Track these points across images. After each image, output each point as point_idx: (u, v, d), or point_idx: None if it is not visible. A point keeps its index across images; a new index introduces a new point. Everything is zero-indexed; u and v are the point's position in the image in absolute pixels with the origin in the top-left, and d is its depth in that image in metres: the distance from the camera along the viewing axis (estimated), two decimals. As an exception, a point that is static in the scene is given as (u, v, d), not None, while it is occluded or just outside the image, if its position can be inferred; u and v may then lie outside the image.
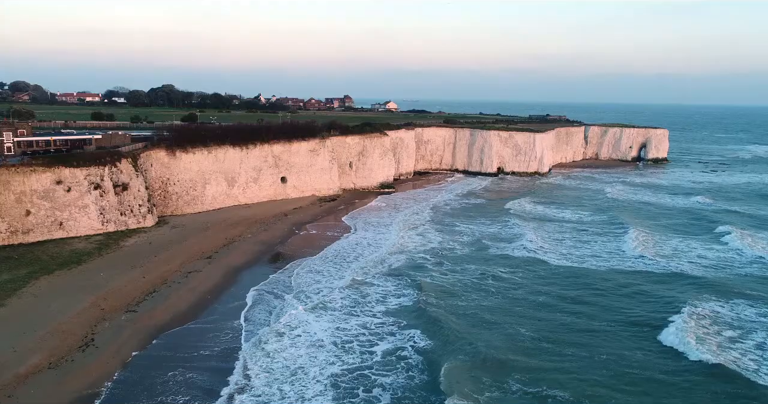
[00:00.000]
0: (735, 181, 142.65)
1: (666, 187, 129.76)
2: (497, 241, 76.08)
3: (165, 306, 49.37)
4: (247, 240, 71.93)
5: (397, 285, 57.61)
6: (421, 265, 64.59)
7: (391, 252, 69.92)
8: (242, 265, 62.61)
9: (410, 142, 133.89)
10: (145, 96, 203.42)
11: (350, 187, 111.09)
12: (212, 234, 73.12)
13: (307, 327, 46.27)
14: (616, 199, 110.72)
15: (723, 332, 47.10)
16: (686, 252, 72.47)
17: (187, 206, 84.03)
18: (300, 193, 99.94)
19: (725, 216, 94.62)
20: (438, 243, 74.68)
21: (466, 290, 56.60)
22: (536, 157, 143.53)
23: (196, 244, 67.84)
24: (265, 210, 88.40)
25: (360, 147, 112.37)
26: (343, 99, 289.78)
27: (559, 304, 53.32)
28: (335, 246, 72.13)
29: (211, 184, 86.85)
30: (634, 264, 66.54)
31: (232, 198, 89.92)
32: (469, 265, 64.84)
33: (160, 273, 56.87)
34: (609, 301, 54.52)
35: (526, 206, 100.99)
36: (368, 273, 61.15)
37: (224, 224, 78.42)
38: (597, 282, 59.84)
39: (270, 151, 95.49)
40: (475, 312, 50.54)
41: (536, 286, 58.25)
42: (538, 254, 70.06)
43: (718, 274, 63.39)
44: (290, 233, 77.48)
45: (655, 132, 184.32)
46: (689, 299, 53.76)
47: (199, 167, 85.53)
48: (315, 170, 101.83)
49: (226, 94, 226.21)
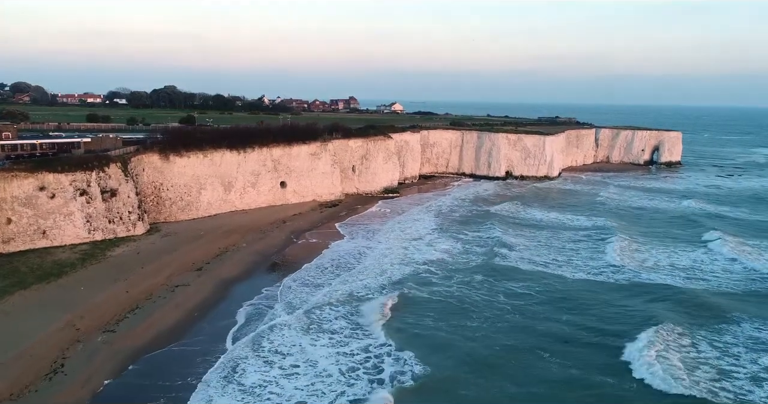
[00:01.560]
0: (762, 186, 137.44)
1: (686, 193, 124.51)
2: (503, 248, 71.66)
3: (147, 325, 45.46)
4: (242, 250, 68.00)
5: (400, 302, 53.37)
6: (426, 279, 60.33)
7: (394, 262, 65.76)
8: (235, 278, 58.65)
9: (415, 144, 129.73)
10: (146, 97, 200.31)
11: (353, 191, 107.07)
12: (205, 242, 69.25)
13: (302, 354, 41.75)
14: (632, 207, 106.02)
15: (696, 360, 42.06)
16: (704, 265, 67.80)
17: (181, 212, 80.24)
18: (300, 198, 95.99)
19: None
20: (443, 253, 70.34)
21: (466, 307, 52.28)
22: (546, 161, 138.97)
23: (187, 254, 63.96)
24: (263, 217, 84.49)
25: (363, 150, 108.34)
26: (348, 100, 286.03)
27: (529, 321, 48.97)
28: (335, 256, 68.05)
29: (206, 189, 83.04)
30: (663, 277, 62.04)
31: (228, 204, 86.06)
32: (475, 277, 60.48)
33: (145, 287, 52.99)
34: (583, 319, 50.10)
35: (536, 214, 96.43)
36: (369, 287, 56.98)
37: (219, 232, 74.54)
38: (592, 301, 55.42)
39: (269, 155, 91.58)
40: (465, 333, 46.26)
41: (513, 302, 53.89)
42: (550, 268, 65.65)
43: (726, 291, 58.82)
44: (288, 242, 73.49)
45: (668, 134, 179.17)
46: (663, 317, 48.98)
47: (194, 171, 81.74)
48: (316, 174, 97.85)
49: (229, 96, 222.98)
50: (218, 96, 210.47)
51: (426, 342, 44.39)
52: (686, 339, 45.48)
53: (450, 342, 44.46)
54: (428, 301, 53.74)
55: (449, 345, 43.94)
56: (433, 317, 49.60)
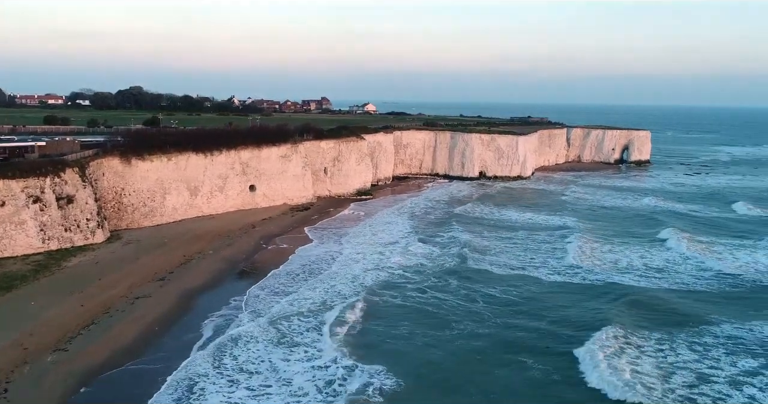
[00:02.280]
0: (727, 184, 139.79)
1: (656, 192, 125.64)
2: (475, 253, 70.40)
3: (103, 341, 42.50)
4: (208, 257, 65.15)
5: (372, 309, 51.43)
6: (399, 284, 58.50)
7: (367, 268, 63.79)
8: (200, 288, 55.87)
9: (389, 145, 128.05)
10: (111, 98, 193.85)
11: (325, 194, 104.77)
12: (169, 250, 66.16)
13: (273, 372, 39.24)
14: (603, 206, 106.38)
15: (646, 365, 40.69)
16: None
17: (145, 218, 76.82)
18: (270, 201, 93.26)
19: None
20: (417, 257, 68.59)
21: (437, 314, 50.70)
22: (519, 161, 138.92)
23: (149, 263, 60.85)
24: (232, 222, 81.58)
25: (335, 152, 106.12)
26: (320, 101, 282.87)
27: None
28: (305, 262, 65.74)
29: (171, 193, 79.74)
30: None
31: (195, 208, 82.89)
32: (451, 281, 58.94)
33: (103, 300, 49.90)
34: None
35: (511, 215, 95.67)
36: (341, 294, 54.86)
37: (184, 238, 71.47)
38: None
39: (237, 158, 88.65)
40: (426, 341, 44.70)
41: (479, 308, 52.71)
42: (527, 271, 64.64)
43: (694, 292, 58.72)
44: (257, 248, 70.88)
45: (637, 134, 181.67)
46: (614, 320, 47.93)
47: (158, 176, 78.38)
48: (287, 177, 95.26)
49: (197, 96, 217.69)
50: (186, 97, 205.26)
51: (397, 354, 42.57)
52: (646, 343, 44.30)
53: (422, 353, 42.73)
54: (401, 308, 51.98)
55: (421, 356, 42.19)
56: (405, 326, 47.79)
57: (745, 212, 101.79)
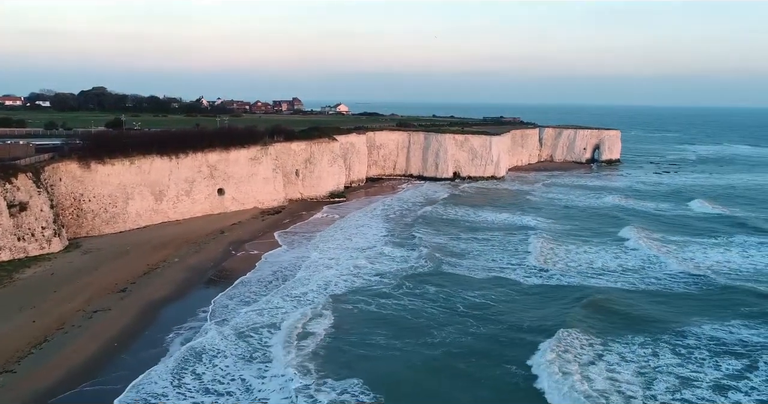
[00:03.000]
0: (695, 182, 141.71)
1: (633, 191, 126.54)
2: (452, 257, 68.95)
3: (56, 361, 39.40)
4: (174, 266, 62.07)
5: (345, 318, 49.34)
6: (376, 290, 56.51)
7: (341, 273, 61.61)
8: (164, 299, 52.91)
9: (362, 147, 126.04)
10: (73, 99, 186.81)
11: (297, 196, 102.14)
12: (132, 259, 62.82)
13: (247, 393, 36.62)
14: (577, 206, 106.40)
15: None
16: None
17: (106, 225, 73.13)
18: (240, 205, 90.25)
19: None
20: (393, 261, 66.71)
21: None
22: (493, 161, 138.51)
23: (109, 273, 57.51)
24: (199, 228, 78.42)
25: (307, 153, 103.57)
26: (292, 101, 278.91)
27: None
28: (276, 268, 63.22)
29: (134, 198, 76.16)
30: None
31: (160, 214, 79.42)
32: (427, 287, 57.22)
33: (58, 315, 46.62)
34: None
35: (488, 216, 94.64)
36: (313, 303, 52.49)
37: (148, 246, 68.13)
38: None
39: (204, 160, 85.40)
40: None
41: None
42: (505, 273, 63.41)
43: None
44: (226, 254, 68.01)
45: (608, 133, 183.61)
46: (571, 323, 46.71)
47: (120, 180, 74.74)
48: (257, 180, 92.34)
49: (164, 97, 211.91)
50: (153, 98, 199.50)
51: (373, 365, 40.59)
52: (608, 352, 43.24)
53: (399, 363, 40.87)
54: (375, 316, 50.01)
55: (399, 367, 40.34)
56: (381, 335, 45.83)
57: (708, 210, 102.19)
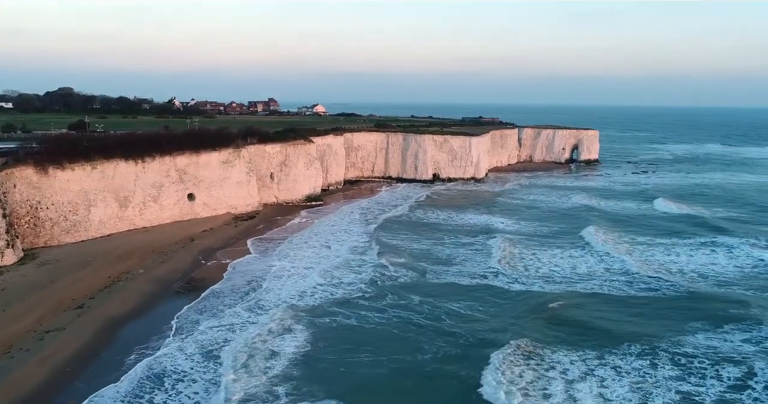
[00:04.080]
0: (679, 182, 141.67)
1: (607, 193, 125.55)
2: (438, 264, 66.25)
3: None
4: (138, 278, 58.01)
5: (324, 332, 46.13)
6: (353, 303, 53.37)
7: (318, 283, 58.35)
8: (126, 315, 49.00)
9: (339, 148, 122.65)
10: (38, 100, 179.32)
11: (272, 201, 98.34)
12: (92, 271, 58.55)
13: None
14: (561, 208, 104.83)
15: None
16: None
17: (66, 234, 68.54)
18: (212, 211, 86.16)
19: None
20: (372, 268, 63.63)
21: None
22: (473, 162, 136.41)
23: (67, 288, 53.29)
24: (168, 235, 74.26)
25: (282, 156, 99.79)
26: (268, 102, 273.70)
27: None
28: (250, 278, 59.67)
29: (97, 205, 71.67)
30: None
31: (125, 221, 75.02)
32: (412, 297, 54.32)
33: (4, 337, 42.44)
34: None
35: (471, 218, 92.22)
36: (290, 315, 49.15)
37: (111, 256, 63.85)
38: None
39: (173, 164, 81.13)
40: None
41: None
42: (488, 279, 60.86)
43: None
44: (195, 264, 64.10)
45: (586, 133, 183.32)
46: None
47: (81, 186, 70.18)
48: (229, 184, 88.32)
49: (135, 98, 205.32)
50: (122, 98, 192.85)
51: (354, 384, 37.53)
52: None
53: (384, 382, 37.91)
54: (357, 330, 46.90)
55: (383, 386, 37.40)
56: (364, 350, 42.77)
57: (674, 211, 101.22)
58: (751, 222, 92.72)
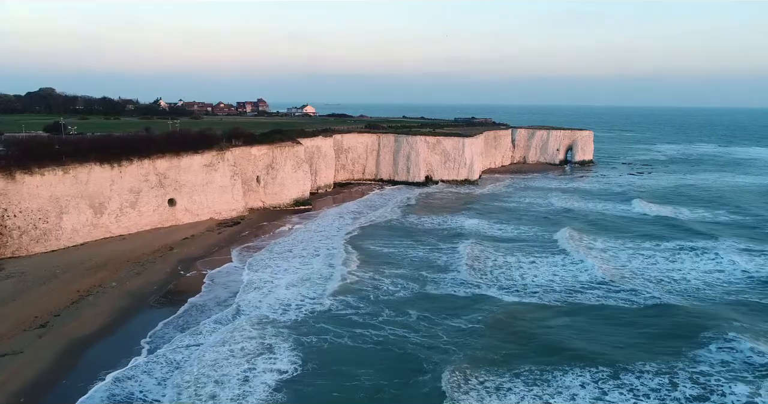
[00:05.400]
0: (675, 183, 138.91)
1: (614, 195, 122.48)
2: (437, 272, 62.51)
3: (-62, 429, 31.24)
4: (110, 292, 53.79)
5: (314, 352, 42.24)
6: (344, 318, 49.53)
7: (305, 296, 54.44)
8: (93, 335, 44.83)
9: (329, 150, 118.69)
10: (17, 101, 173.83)
11: (258, 205, 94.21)
12: (60, 285, 54.23)
13: None
14: (570, 210, 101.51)
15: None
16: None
17: (36, 244, 64.12)
18: (194, 216, 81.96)
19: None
20: (368, 280, 59.78)
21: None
22: (466, 164, 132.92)
23: (30, 304, 49.01)
24: (146, 244, 70.00)
25: (268, 158, 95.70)
26: (257, 103, 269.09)
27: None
28: (232, 291, 55.66)
29: (69, 212, 67.27)
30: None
31: (100, 229, 70.67)
32: (410, 312, 50.55)
33: (-47, 363, 38.17)
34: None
35: (467, 224, 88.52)
36: (276, 334, 45.23)
37: (83, 267, 59.55)
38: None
39: (152, 168, 76.84)
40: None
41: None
42: (481, 289, 57.18)
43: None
44: (174, 276, 59.94)
45: (581, 134, 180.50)
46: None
47: (52, 192, 65.77)
48: (213, 188, 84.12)
49: (119, 99, 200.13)
50: (105, 99, 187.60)
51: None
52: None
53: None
54: (349, 349, 43.06)
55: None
56: (360, 370, 38.95)
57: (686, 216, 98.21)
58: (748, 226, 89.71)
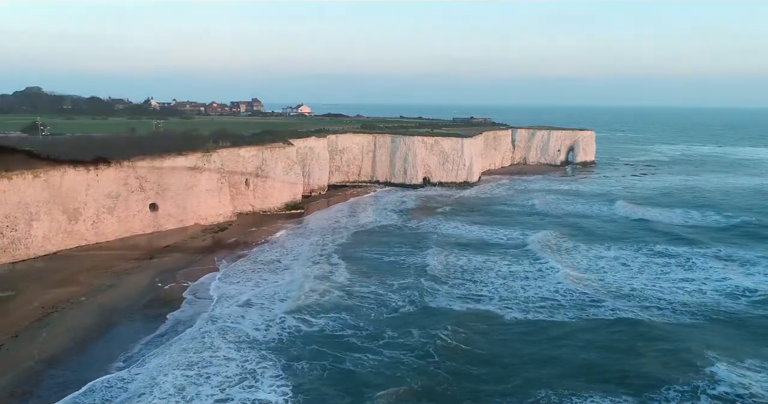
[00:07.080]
0: (683, 184, 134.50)
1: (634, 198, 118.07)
2: (432, 281, 58.00)
3: None
4: (77, 308, 49.15)
5: (302, 377, 37.69)
6: (343, 341, 44.97)
7: (291, 310, 49.92)
8: (54, 359, 40.19)
9: (322, 151, 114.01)
10: (3, 101, 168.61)
11: (247, 209, 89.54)
12: (23, 300, 49.58)
13: None
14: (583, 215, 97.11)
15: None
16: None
17: (3, 253, 59.40)
18: (178, 222, 77.29)
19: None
20: (363, 293, 55.18)
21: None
22: (465, 165, 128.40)
23: (-14, 323, 44.31)
24: (123, 252, 65.39)
25: (258, 160, 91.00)
26: (251, 102, 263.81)
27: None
28: (213, 308, 50.98)
29: (41, 219, 62.56)
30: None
31: (75, 236, 65.99)
32: (411, 330, 46.04)
33: None
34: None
35: (467, 229, 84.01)
36: (262, 356, 40.67)
37: (52, 280, 54.89)
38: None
39: (132, 171, 72.17)
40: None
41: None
42: (488, 303, 52.70)
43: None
44: (151, 288, 55.30)
45: (582, 134, 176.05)
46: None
47: (20, 197, 60.99)
48: (198, 192, 79.43)
49: (109, 98, 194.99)
50: (94, 98, 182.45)
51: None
52: None
53: None
54: (345, 372, 38.51)
55: None
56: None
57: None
58: None
